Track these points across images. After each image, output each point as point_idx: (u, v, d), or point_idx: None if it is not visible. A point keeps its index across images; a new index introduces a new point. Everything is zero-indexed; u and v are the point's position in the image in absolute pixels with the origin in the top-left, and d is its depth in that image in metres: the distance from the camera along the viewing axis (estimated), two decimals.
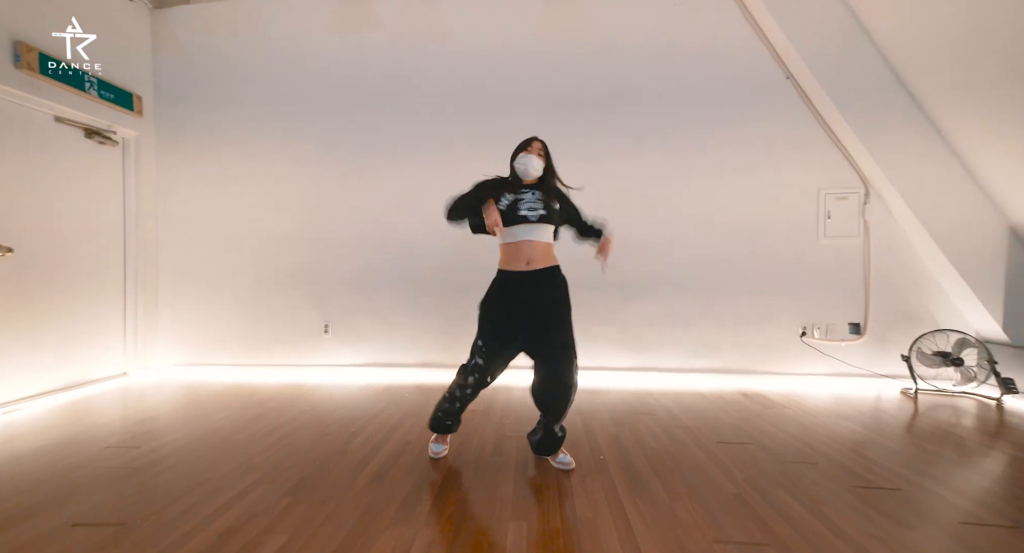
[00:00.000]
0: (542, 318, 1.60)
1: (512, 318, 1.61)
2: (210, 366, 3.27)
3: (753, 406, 2.49)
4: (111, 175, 3.04)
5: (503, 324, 1.62)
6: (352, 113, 3.23)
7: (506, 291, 1.64)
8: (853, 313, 2.99)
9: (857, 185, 2.97)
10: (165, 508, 1.39)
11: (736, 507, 1.40)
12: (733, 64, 3.02)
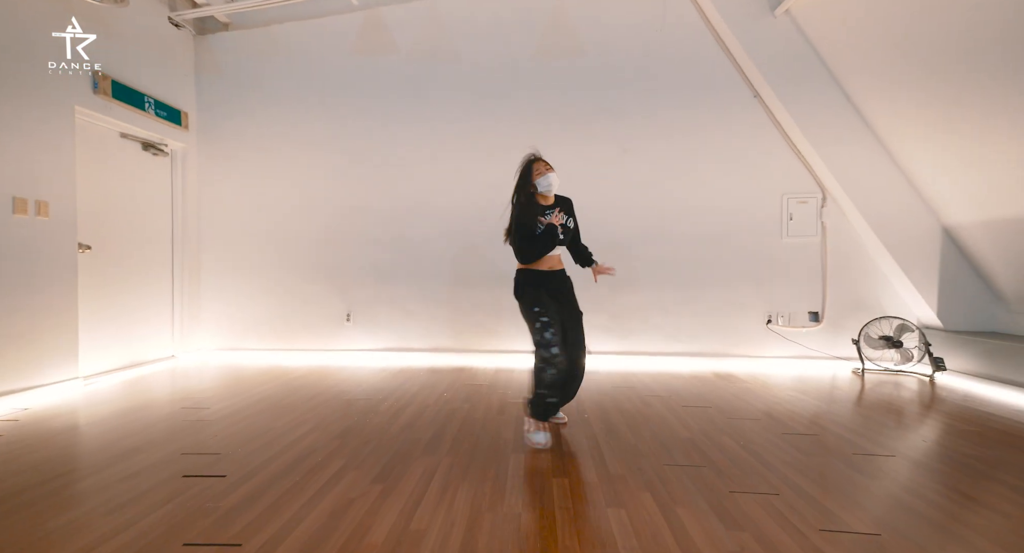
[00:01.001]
0: (568, 311, 1.96)
1: (551, 298, 1.92)
2: (245, 350, 3.69)
3: (721, 383, 2.90)
4: (162, 182, 3.46)
5: (547, 299, 1.89)
6: (370, 125, 3.64)
7: (539, 282, 1.92)
8: (812, 303, 3.39)
9: (816, 191, 3.37)
10: (246, 444, 1.80)
11: (686, 446, 1.81)
12: (708, 86, 3.42)
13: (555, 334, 1.79)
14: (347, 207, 3.67)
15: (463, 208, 3.59)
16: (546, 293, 1.91)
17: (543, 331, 1.80)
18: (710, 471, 1.58)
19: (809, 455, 1.73)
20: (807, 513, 1.31)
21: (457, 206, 3.58)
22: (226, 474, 1.54)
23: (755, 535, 1.20)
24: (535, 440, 1.78)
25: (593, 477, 1.54)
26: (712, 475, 1.55)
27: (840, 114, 3.13)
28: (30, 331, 2.43)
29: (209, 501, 1.36)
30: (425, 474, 1.55)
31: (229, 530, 1.21)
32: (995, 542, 1.18)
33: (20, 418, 2.14)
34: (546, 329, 1.80)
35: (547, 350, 1.78)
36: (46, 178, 2.52)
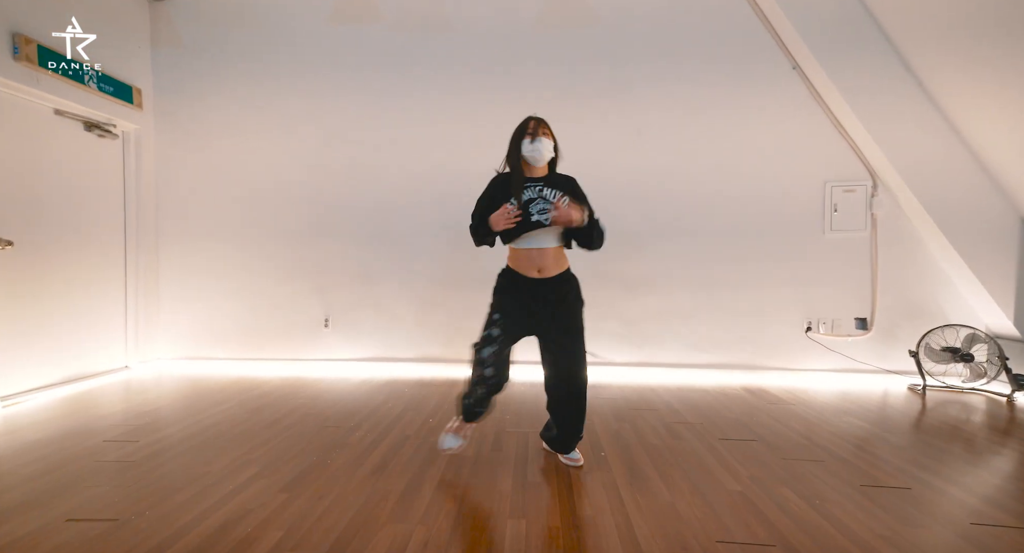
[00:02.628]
0: (558, 326, 1.54)
1: (526, 310, 1.54)
2: (210, 360, 3.27)
3: (757, 402, 2.46)
4: (111, 168, 3.03)
5: (516, 311, 1.55)
6: (352, 105, 3.19)
7: (520, 289, 1.55)
8: (860, 308, 2.94)
9: (865, 177, 2.91)
10: (161, 502, 1.37)
11: (740, 505, 1.37)
12: (739, 55, 2.95)
13: (494, 353, 1.54)
14: (325, 197, 3.23)
15: (456, 198, 3.13)
16: (525, 303, 1.55)
17: (482, 347, 1.55)
18: (781, 552, 1.15)
19: (906, 522, 1.29)
20: None
21: (449, 196, 3.12)
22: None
23: None
24: (445, 444, 1.62)
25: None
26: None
27: (898, 87, 2.66)
28: None
29: None
30: (391, 552, 1.12)
31: None
32: None
33: None
34: (487, 345, 1.55)
35: (480, 367, 1.56)
36: None
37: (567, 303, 1.56)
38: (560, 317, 1.55)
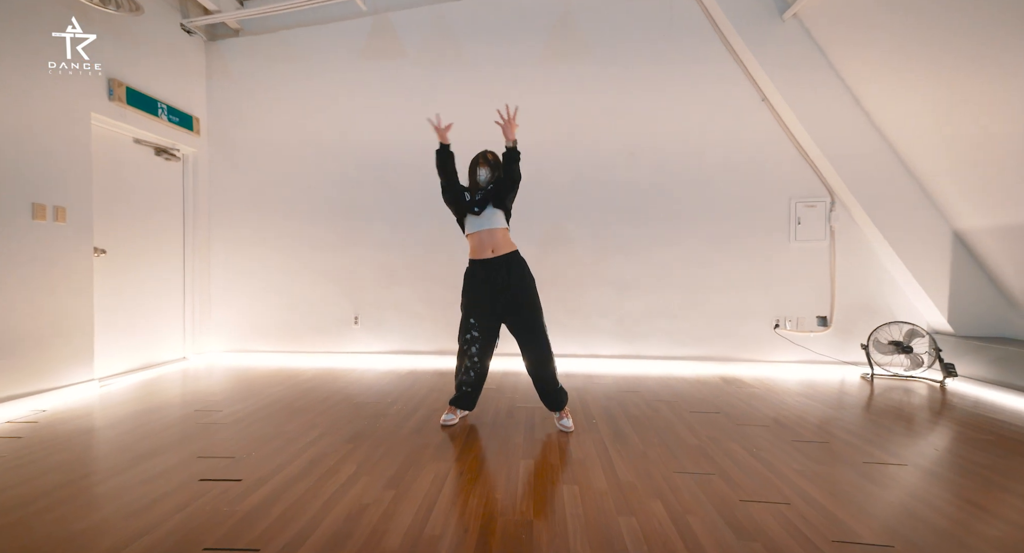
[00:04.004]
0: (514, 301, 2.01)
1: (490, 299, 2.02)
2: (254, 352, 3.73)
3: (728, 388, 2.89)
4: (174, 186, 3.51)
5: (484, 301, 2.02)
6: (378, 130, 3.67)
7: (478, 276, 2.04)
8: (821, 307, 3.38)
9: (824, 194, 3.36)
10: (261, 447, 1.83)
11: (695, 453, 1.82)
12: (715, 88, 3.41)
13: (480, 349, 2.05)
14: (356, 211, 3.71)
15: None
16: (488, 295, 2.02)
17: (470, 346, 2.05)
18: (720, 479, 1.59)
19: (820, 463, 1.73)
20: (819, 523, 1.31)
21: None
22: (241, 478, 1.56)
23: (767, 545, 1.21)
24: (443, 418, 2.12)
25: (603, 484, 1.55)
26: (722, 483, 1.55)
27: (849, 117, 3.12)
28: (49, 334, 2.48)
29: (226, 505, 1.39)
30: (436, 479, 1.57)
31: (247, 536, 1.24)
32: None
33: (38, 420, 2.18)
34: (473, 345, 2.05)
35: (470, 360, 2.06)
36: (63, 184, 2.56)
37: (524, 281, 2.03)
38: (519, 295, 2.02)
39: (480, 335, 2.04)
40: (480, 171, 2.11)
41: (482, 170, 2.11)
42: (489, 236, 2.03)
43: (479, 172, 2.11)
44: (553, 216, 3.57)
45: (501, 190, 2.05)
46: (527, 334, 2.02)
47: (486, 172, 2.10)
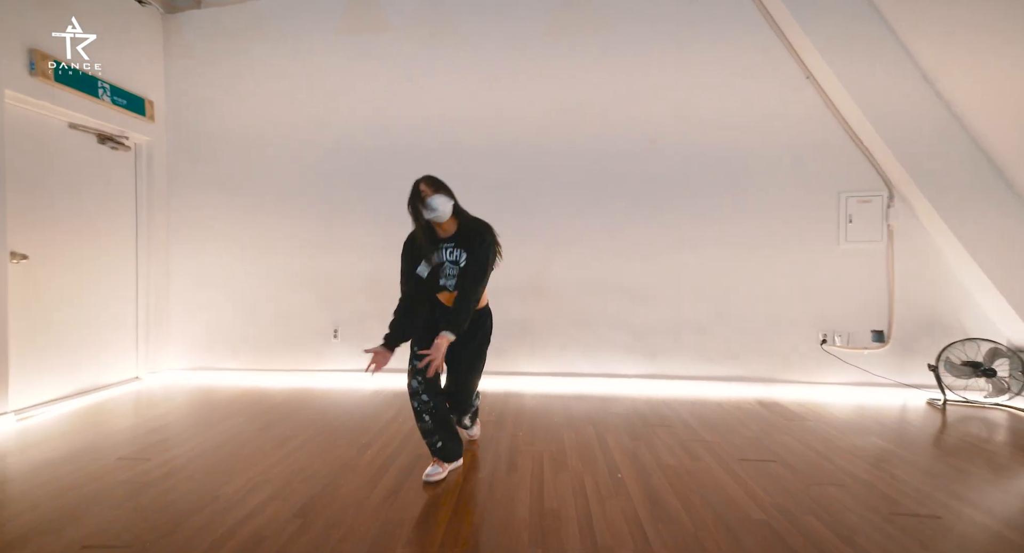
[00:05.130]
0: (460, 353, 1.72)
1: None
2: (219, 371, 3.27)
3: (773, 417, 2.41)
4: (123, 180, 3.04)
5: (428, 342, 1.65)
6: (360, 115, 3.20)
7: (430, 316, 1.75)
8: (876, 320, 2.89)
9: (880, 188, 2.86)
10: (176, 528, 1.36)
11: (765, 536, 1.34)
12: (750, 65, 2.92)
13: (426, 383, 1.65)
14: (334, 208, 3.23)
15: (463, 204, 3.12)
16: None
17: (411, 379, 1.67)
18: None
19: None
20: None
21: None
22: None
23: None
24: (426, 473, 1.68)
25: None
26: None
27: (916, 97, 2.62)
28: None
29: None
30: None
31: None
32: None
33: None
34: (414, 378, 1.65)
35: (418, 402, 1.66)
36: None
37: (470, 346, 1.75)
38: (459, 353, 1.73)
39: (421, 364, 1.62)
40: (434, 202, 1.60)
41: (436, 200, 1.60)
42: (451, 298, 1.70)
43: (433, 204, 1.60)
44: (561, 214, 3.08)
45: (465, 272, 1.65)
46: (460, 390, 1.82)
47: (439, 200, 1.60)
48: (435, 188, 1.61)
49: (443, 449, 1.69)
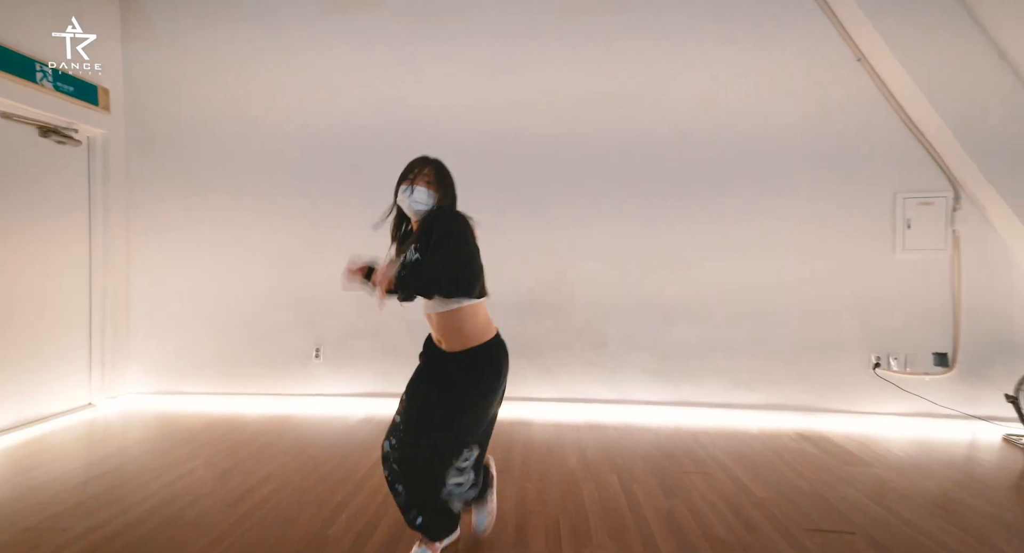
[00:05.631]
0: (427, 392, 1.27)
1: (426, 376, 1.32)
2: (187, 395, 2.90)
3: (827, 460, 2.04)
4: (74, 178, 2.67)
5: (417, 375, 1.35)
6: (348, 105, 2.82)
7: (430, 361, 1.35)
8: (938, 341, 2.51)
9: (945, 187, 2.48)
10: None
11: None
12: (791, 45, 2.54)
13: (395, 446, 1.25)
14: (317, 212, 2.86)
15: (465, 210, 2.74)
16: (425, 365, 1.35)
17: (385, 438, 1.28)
18: None
19: None
20: None
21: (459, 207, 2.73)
22: None
23: None
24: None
25: None
26: None
27: (991, 80, 2.24)
28: None
29: None
30: None
31: None
32: None
33: None
34: (390, 435, 1.27)
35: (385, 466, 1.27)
36: None
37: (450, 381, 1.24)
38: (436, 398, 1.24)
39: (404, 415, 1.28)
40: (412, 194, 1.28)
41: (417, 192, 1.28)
42: (433, 322, 1.30)
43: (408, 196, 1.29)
44: (579, 218, 2.71)
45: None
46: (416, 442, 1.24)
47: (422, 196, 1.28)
48: (436, 181, 1.29)
49: (426, 526, 1.26)
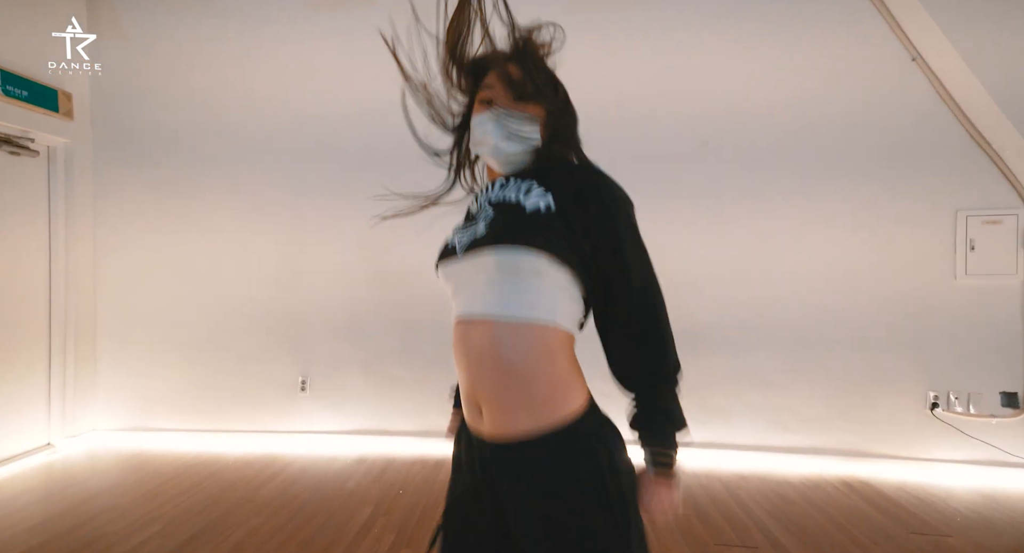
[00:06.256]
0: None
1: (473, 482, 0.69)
2: (159, 432, 2.62)
3: (885, 522, 1.76)
4: (31, 193, 2.40)
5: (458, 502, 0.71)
6: (335, 110, 2.54)
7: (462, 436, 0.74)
8: (1007, 379, 2.21)
9: (1015, 204, 2.18)
10: None
11: None
12: (840, 43, 2.25)
13: None
14: (302, 231, 2.58)
15: None
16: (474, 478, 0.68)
17: None
18: None
19: None
20: None
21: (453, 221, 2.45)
22: None
23: None
24: None
25: None
26: None
27: None
28: None
29: None
30: None
31: None
32: None
33: None
34: None
35: None
36: None
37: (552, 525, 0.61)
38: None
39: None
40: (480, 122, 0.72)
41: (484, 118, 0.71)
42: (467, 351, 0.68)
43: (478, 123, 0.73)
44: None
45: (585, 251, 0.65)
46: None
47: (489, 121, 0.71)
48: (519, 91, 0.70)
49: None
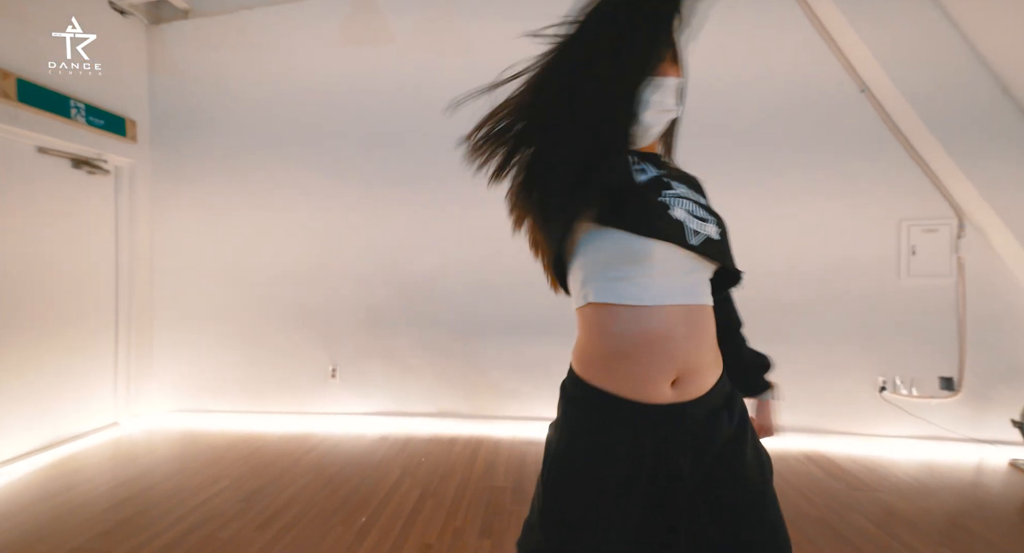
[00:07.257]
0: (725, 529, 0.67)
1: (639, 502, 0.67)
2: (208, 413, 2.99)
3: (834, 484, 2.09)
4: (102, 207, 2.78)
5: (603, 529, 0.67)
6: (361, 135, 2.92)
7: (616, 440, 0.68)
8: (944, 365, 2.54)
9: (948, 215, 2.53)
10: None
11: None
12: (796, 79, 2.61)
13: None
14: (333, 238, 2.95)
15: (477, 236, 2.83)
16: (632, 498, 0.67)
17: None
18: None
19: None
20: None
21: (469, 233, 2.82)
22: None
23: None
24: None
25: None
26: None
27: (991, 108, 2.29)
28: None
29: None
30: None
31: None
32: None
33: None
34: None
35: None
36: None
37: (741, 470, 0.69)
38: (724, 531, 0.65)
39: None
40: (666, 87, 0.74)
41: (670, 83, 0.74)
42: (681, 330, 0.70)
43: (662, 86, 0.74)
44: None
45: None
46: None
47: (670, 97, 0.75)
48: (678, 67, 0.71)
49: None
